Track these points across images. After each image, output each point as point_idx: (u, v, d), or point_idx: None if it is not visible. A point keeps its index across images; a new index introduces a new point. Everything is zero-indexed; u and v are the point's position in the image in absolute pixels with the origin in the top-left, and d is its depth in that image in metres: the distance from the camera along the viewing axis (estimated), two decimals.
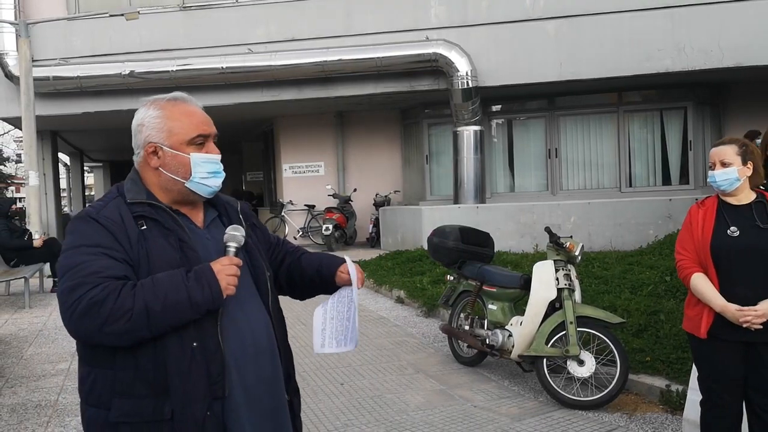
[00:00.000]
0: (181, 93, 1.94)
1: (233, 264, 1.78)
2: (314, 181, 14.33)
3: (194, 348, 1.74)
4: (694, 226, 3.10)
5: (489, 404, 4.78)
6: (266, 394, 1.88)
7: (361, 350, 6.21)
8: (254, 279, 1.94)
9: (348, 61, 11.69)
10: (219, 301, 1.74)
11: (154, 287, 1.69)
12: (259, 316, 1.91)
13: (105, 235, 1.76)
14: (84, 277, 1.68)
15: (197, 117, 1.90)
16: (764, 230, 2.98)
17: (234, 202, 2.05)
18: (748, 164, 3.06)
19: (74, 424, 4.56)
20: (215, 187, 1.90)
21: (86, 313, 1.66)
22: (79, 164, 23.63)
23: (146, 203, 1.84)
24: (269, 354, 1.90)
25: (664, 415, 4.44)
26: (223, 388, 1.77)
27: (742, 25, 10.71)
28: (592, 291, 6.87)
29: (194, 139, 1.87)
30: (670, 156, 12.72)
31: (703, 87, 12.38)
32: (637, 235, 10.05)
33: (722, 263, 2.99)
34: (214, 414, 1.76)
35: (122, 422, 1.74)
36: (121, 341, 1.70)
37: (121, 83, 12.07)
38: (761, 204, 3.06)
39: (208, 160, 1.88)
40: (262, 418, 1.86)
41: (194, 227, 1.90)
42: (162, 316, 1.68)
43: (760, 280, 2.95)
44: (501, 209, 10.99)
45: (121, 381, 1.74)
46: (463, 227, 5.90)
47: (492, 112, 13.21)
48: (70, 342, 6.86)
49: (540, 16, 11.50)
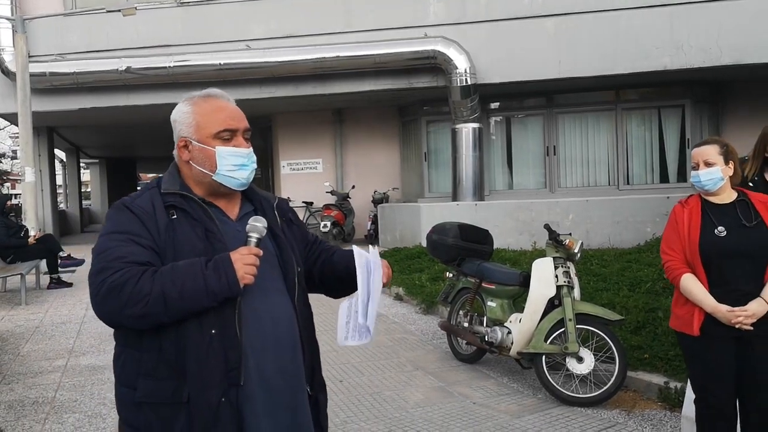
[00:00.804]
0: (215, 89, 2.00)
1: (252, 254, 1.80)
2: (312, 178, 14.32)
3: (213, 335, 1.79)
4: (680, 225, 3.11)
5: (488, 401, 4.77)
6: (285, 387, 1.90)
7: (360, 347, 6.19)
8: (283, 273, 1.97)
9: (346, 57, 11.66)
10: (236, 290, 1.77)
11: (173, 274, 1.75)
12: (284, 309, 1.93)
13: (135, 222, 1.84)
14: (109, 261, 1.77)
15: (225, 112, 1.95)
16: (751, 229, 3.00)
17: (272, 198, 2.10)
18: (729, 164, 3.09)
19: (72, 421, 4.54)
20: (243, 180, 1.94)
21: (108, 295, 1.75)
22: (75, 160, 23.59)
23: (179, 194, 1.91)
24: (290, 347, 1.92)
25: (662, 412, 4.44)
26: (239, 375, 1.80)
27: (741, 23, 10.72)
28: (590, 288, 6.87)
29: (220, 133, 1.92)
30: (668, 154, 12.73)
31: (701, 85, 12.39)
32: (635, 233, 10.06)
33: (711, 263, 3.01)
34: (229, 401, 1.79)
35: (145, 402, 1.81)
36: (140, 324, 1.77)
37: (118, 79, 12.03)
38: (744, 202, 3.08)
39: (234, 154, 1.92)
40: (280, 410, 1.88)
41: (226, 219, 1.95)
42: (179, 303, 1.74)
43: (748, 279, 2.97)
44: (499, 207, 10.98)
45: (146, 362, 1.81)
46: (463, 224, 5.89)
47: (491, 110, 13.19)
48: (67, 338, 6.84)
49: (539, 14, 11.49)
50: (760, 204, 3.07)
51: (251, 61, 11.84)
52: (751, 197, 3.11)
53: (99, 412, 4.71)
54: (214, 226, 1.88)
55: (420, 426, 4.33)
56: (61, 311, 8.14)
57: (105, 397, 5.04)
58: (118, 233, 1.83)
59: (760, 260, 2.97)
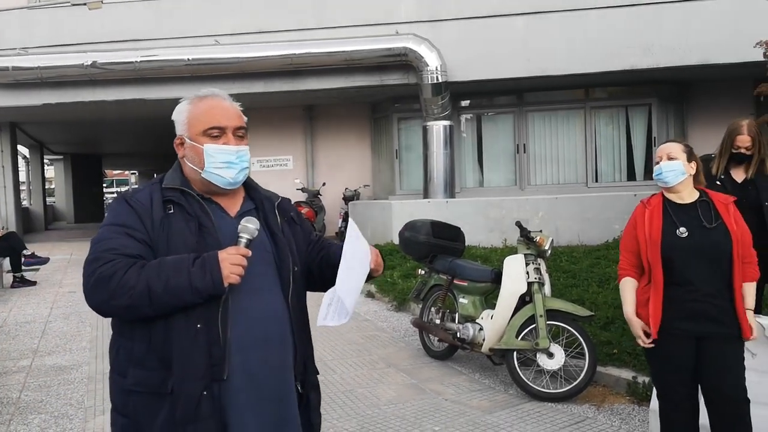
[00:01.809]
0: (213, 89, 2.05)
1: (240, 254, 1.83)
2: (283, 175, 14.21)
3: (198, 329, 1.82)
4: (639, 226, 3.16)
5: (460, 397, 4.80)
6: (272, 382, 1.92)
7: (332, 345, 6.19)
8: (279, 271, 1.98)
9: (317, 54, 11.59)
10: (220, 288, 1.80)
11: (159, 269, 1.79)
12: (275, 307, 1.95)
13: (132, 215, 1.89)
14: (102, 252, 1.84)
15: (217, 110, 1.98)
16: (711, 230, 3.05)
17: (274, 197, 2.12)
18: (692, 163, 3.15)
19: (37, 422, 4.45)
20: (229, 179, 1.96)
21: (96, 285, 1.80)
22: (39, 157, 23.11)
23: (178, 189, 1.95)
24: (279, 344, 1.94)
25: (630, 406, 4.51)
26: (222, 370, 1.83)
27: (707, 23, 10.90)
28: (560, 285, 6.95)
29: (208, 131, 1.95)
30: (635, 152, 12.91)
31: (667, 85, 12.59)
32: (603, 230, 10.19)
33: (672, 263, 3.05)
34: (211, 394, 1.82)
35: (134, 390, 1.86)
36: (126, 315, 1.84)
37: (84, 74, 11.78)
38: (706, 203, 3.13)
39: (221, 151, 1.94)
40: (265, 406, 1.90)
41: (224, 215, 1.98)
42: (163, 297, 1.78)
43: (708, 279, 3.02)
44: (470, 204, 11.04)
45: (136, 352, 1.86)
46: (435, 221, 5.91)
47: (461, 107, 13.24)
48: (32, 338, 6.69)
49: (509, 12, 11.54)
50: (721, 205, 3.12)
51: (221, 57, 11.70)
52: (713, 198, 3.16)
53: (65, 413, 4.63)
54: (209, 222, 1.92)
55: (392, 423, 4.33)
56: (26, 310, 7.96)
57: (71, 397, 4.95)
58: (115, 225, 1.89)
59: (719, 262, 3.03)
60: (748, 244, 3.09)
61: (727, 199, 3.17)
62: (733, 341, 3.03)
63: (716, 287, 3.02)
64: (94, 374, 5.47)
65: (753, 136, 4.37)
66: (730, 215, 3.09)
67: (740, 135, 4.37)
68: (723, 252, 3.02)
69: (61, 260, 12.38)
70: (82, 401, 4.87)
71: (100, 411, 4.62)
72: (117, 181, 55.55)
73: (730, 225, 3.06)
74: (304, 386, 2.05)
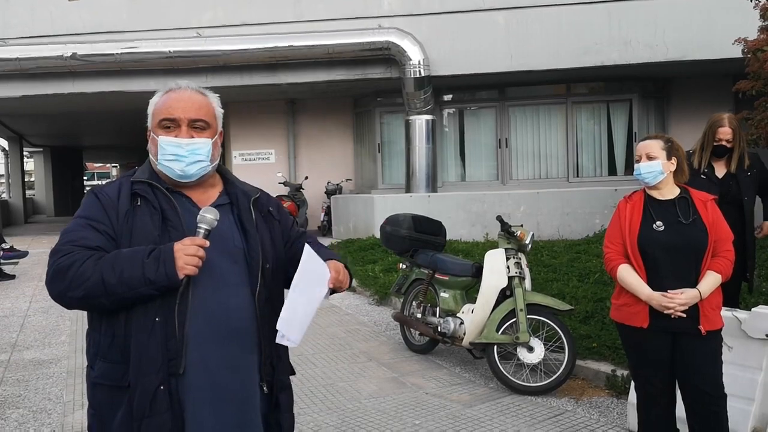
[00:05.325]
0: (184, 81, 2.04)
1: (195, 245, 1.79)
2: (264, 169, 14.13)
3: (156, 322, 1.80)
4: (622, 220, 3.20)
5: (440, 391, 4.82)
6: (233, 380, 1.88)
7: (314, 339, 6.19)
8: (248, 266, 1.94)
9: (299, 47, 11.53)
10: (174, 280, 1.77)
11: (114, 261, 1.78)
12: (240, 302, 1.90)
13: (98, 208, 1.89)
14: (63, 244, 1.84)
15: (173, 102, 1.95)
16: (687, 226, 3.09)
17: (252, 192, 2.07)
18: (672, 159, 3.18)
19: (15, 417, 4.41)
20: (179, 171, 1.92)
21: (54, 277, 1.81)
22: (18, 149, 22.82)
23: (146, 182, 1.93)
24: (240, 341, 1.90)
25: (609, 399, 4.56)
26: (179, 365, 1.81)
27: (684, 20, 10.99)
28: (541, 279, 7.00)
29: (161, 122, 1.93)
30: (616, 147, 13.01)
31: (648, 81, 12.69)
32: (584, 224, 10.28)
33: (648, 257, 3.10)
34: (168, 389, 1.80)
35: (98, 383, 1.87)
36: (84, 306, 1.85)
37: (63, 66, 11.62)
38: (684, 199, 3.18)
39: (171, 143, 1.92)
40: (225, 403, 1.87)
41: (193, 209, 1.93)
42: (117, 289, 1.76)
43: (684, 274, 3.06)
44: (452, 198, 11.07)
45: (102, 345, 1.87)
46: (416, 216, 5.92)
47: (444, 102, 13.26)
48: (10, 332, 6.63)
49: (491, 7, 11.56)
50: (699, 202, 3.16)
51: (202, 50, 11.59)
52: (692, 195, 3.20)
53: (44, 407, 4.59)
54: (174, 215, 1.89)
55: (373, 417, 4.35)
56: (4, 304, 7.86)
57: (50, 392, 4.91)
58: (81, 218, 1.89)
59: (691, 256, 3.06)
60: (725, 240, 3.12)
61: (706, 197, 3.20)
62: (708, 337, 3.07)
63: (690, 283, 3.05)
64: (73, 369, 5.43)
65: (734, 128, 4.42)
66: (708, 212, 3.13)
67: (722, 127, 4.41)
68: (697, 248, 3.06)
69: (41, 254, 12.23)
70: (60, 396, 4.84)
71: (78, 405, 4.58)
72: (99, 174, 55.01)
73: (707, 222, 3.09)
74: (271, 387, 1.99)
